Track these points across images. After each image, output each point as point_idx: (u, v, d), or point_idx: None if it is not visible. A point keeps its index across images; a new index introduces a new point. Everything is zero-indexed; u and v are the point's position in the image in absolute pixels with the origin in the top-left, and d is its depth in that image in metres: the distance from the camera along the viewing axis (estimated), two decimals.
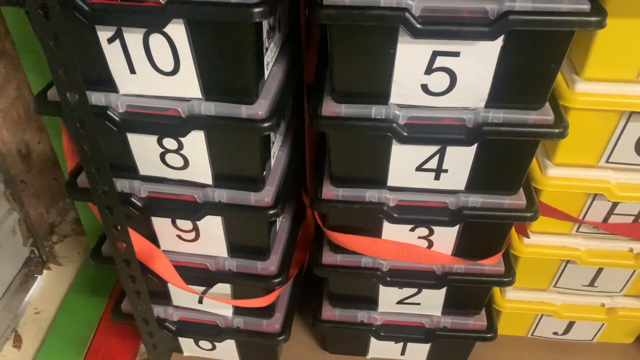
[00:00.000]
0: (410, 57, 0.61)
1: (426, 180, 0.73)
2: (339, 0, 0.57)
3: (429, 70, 0.62)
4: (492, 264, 0.82)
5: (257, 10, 0.56)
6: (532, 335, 1.04)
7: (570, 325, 1.00)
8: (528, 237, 0.85)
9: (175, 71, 0.64)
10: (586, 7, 0.57)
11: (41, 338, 1.13)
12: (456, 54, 0.61)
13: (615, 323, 0.98)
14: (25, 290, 1.22)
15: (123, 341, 1.10)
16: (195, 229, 0.80)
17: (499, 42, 0.59)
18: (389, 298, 0.89)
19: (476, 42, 0.59)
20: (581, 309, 0.95)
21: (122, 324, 0.98)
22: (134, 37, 0.62)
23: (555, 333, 1.03)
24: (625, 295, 0.95)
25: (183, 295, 0.90)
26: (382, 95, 0.65)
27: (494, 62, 0.61)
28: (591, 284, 0.93)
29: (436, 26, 0.57)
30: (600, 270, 0.90)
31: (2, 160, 1.13)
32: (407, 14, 0.57)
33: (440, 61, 0.61)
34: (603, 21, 0.57)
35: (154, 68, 0.64)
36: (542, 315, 0.98)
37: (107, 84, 0.67)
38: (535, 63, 0.61)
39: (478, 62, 0.61)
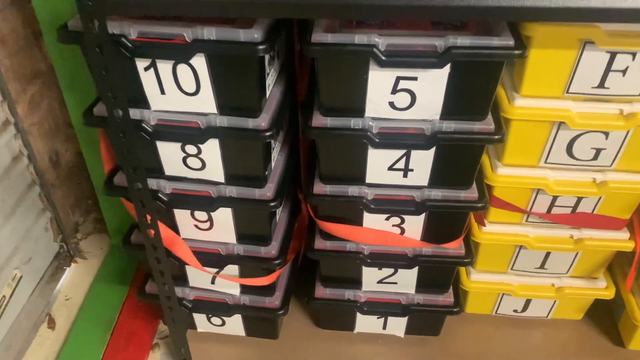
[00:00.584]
0: (379, 81, 0.79)
1: (396, 178, 0.90)
2: (323, 38, 0.75)
3: (394, 90, 0.80)
4: (455, 247, 0.99)
5: (261, 47, 0.73)
6: (495, 313, 1.21)
7: (527, 303, 1.17)
8: (485, 225, 1.03)
9: (196, 92, 0.81)
10: (511, 43, 0.74)
11: (72, 320, 1.29)
12: (414, 79, 0.78)
13: (564, 301, 1.15)
14: (56, 280, 1.39)
15: (144, 322, 1.26)
16: (210, 219, 0.97)
17: (446, 69, 0.77)
18: (370, 278, 1.06)
19: (429, 69, 0.77)
20: (534, 289, 1.12)
21: (145, 302, 1.14)
22: (165, 67, 0.79)
23: (515, 311, 1.19)
24: (572, 277, 1.12)
25: (198, 277, 1.07)
26: (358, 110, 0.83)
27: (444, 85, 0.78)
28: (542, 266, 1.10)
29: (397, 58, 0.75)
30: (548, 254, 1.07)
31: (38, 166, 1.31)
32: (375, 49, 0.74)
33: (402, 84, 0.79)
34: (524, 53, 0.74)
35: (180, 90, 0.81)
36: (503, 294, 1.15)
37: (142, 102, 0.83)
38: (475, 85, 0.79)
39: (432, 85, 0.79)
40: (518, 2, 0.64)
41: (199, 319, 1.15)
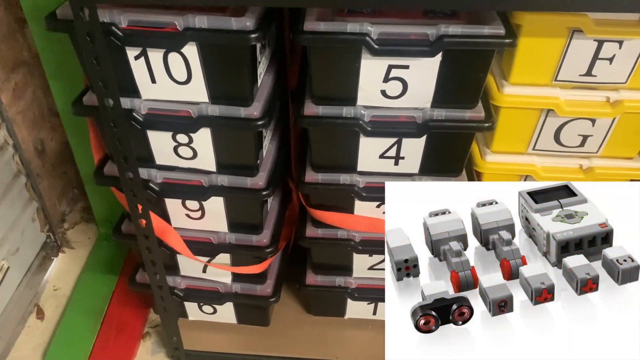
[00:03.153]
0: (371, 69, 0.79)
1: (388, 166, 0.91)
2: (315, 27, 0.75)
3: (386, 79, 0.80)
4: None
5: (252, 35, 0.73)
6: None
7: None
8: None
9: (188, 81, 0.80)
10: (502, 31, 0.75)
11: (61, 311, 1.29)
12: (406, 67, 0.78)
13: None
14: (44, 270, 1.38)
15: (134, 311, 1.26)
16: (201, 208, 0.97)
17: (438, 57, 0.77)
18: (361, 265, 1.07)
19: (421, 58, 0.77)
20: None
21: (136, 292, 1.14)
22: (155, 55, 0.78)
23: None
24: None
25: (189, 266, 1.07)
26: (350, 99, 0.83)
27: (435, 73, 0.79)
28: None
29: (389, 46, 0.75)
30: None
31: (23, 155, 1.29)
32: (367, 38, 0.74)
33: (394, 72, 0.79)
34: (514, 42, 0.75)
35: (171, 78, 0.81)
36: None
37: (132, 91, 0.83)
38: (466, 73, 0.79)
39: (423, 73, 0.79)
40: None
41: (191, 307, 1.16)
